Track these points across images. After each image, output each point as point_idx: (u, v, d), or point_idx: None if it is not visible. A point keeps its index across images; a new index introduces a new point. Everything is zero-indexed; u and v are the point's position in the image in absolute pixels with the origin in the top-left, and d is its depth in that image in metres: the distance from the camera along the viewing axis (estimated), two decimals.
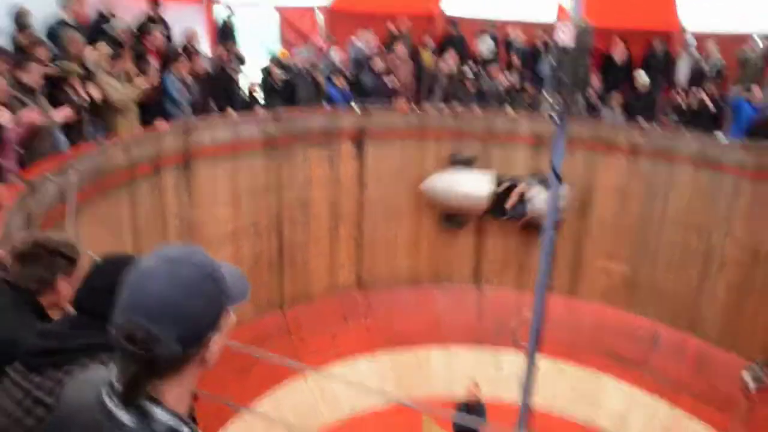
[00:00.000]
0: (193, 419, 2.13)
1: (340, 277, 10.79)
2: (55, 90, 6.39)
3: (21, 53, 6.33)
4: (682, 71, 11.11)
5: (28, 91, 5.68)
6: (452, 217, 10.86)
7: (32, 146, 5.65)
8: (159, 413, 1.17)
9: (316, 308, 10.42)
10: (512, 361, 10.28)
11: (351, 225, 10.67)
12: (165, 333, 1.13)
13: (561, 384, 10.13)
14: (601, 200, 10.43)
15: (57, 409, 1.35)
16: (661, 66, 11.16)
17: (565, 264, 10.75)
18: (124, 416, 1.16)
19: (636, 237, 10.28)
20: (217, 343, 1.25)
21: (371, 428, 9.17)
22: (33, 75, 5.67)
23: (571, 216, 10.54)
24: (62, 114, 5.87)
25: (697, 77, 10.63)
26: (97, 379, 1.26)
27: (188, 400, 1.27)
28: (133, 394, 1.16)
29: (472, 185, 10.32)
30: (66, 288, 2.37)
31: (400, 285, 11.18)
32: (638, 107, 10.41)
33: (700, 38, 11.05)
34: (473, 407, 7.89)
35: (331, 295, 10.68)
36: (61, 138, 6.33)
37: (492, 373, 10.43)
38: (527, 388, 7.29)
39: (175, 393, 1.21)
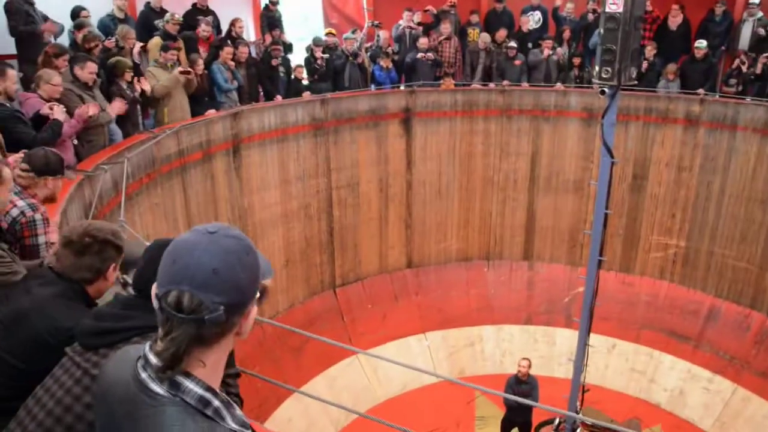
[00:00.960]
0: (239, 398, 2.23)
1: (390, 258, 10.88)
2: (109, 84, 6.66)
3: (77, 50, 6.62)
4: (745, 35, 10.52)
5: (85, 86, 5.93)
6: None
7: (89, 139, 5.93)
8: (190, 384, 1.21)
9: (367, 289, 10.56)
10: (564, 337, 10.21)
11: (400, 206, 10.71)
12: (211, 300, 1.17)
13: (614, 359, 10.00)
14: (657, 174, 10.09)
15: (97, 384, 1.42)
16: (722, 30, 10.60)
17: (619, 239, 10.50)
18: (157, 387, 1.20)
19: (694, 211, 9.92)
20: (254, 313, 1.29)
21: (424, 406, 9.28)
22: (89, 72, 5.91)
23: (624, 190, 10.27)
24: (116, 107, 6.11)
25: (762, 42, 10.04)
26: (133, 354, 1.31)
27: (222, 369, 1.31)
28: (176, 362, 1.20)
29: None
30: (113, 276, 2.47)
31: (450, 264, 11.18)
32: (696, 76, 9.96)
33: None
34: (525, 383, 7.87)
35: (381, 276, 10.78)
36: (116, 130, 6.61)
37: (544, 349, 10.37)
38: (579, 364, 7.24)
39: (211, 361, 1.25)
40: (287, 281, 9.55)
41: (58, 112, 5.00)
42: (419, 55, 10.43)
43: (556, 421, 7.89)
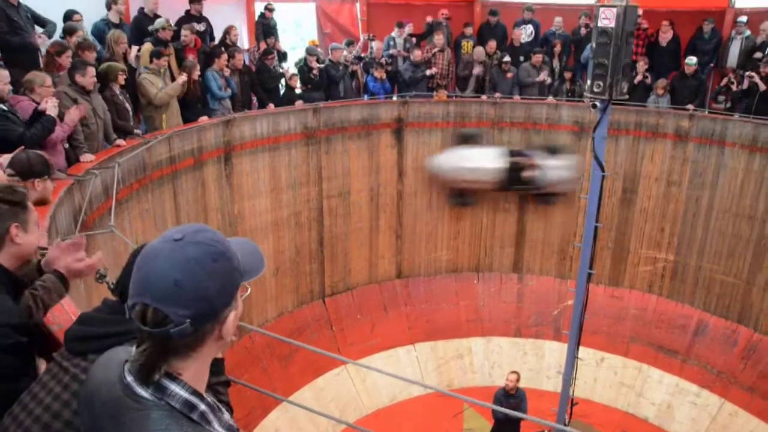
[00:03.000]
0: (229, 406, 2.20)
1: (380, 268, 10.85)
2: (102, 89, 6.61)
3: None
4: (733, 52, 10.66)
5: (82, 89, 5.91)
6: (461, 196, 10.69)
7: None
8: (175, 388, 1.19)
9: (356, 299, 10.52)
10: (553, 350, 10.22)
11: (391, 216, 10.71)
12: (175, 313, 1.13)
13: (603, 373, 10.01)
14: (646, 188, 10.16)
15: (84, 385, 1.40)
16: (710, 47, 10.74)
17: (609, 253, 10.55)
18: (142, 390, 1.19)
19: (682, 225, 9.99)
20: (232, 318, 1.24)
21: (412, 417, 9.24)
22: (90, 77, 5.90)
23: (614, 204, 10.34)
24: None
25: (750, 58, 10.19)
26: (121, 357, 1.30)
27: (206, 376, 1.29)
28: (148, 373, 1.18)
29: (482, 160, 10.14)
30: (24, 237, 2.24)
31: (440, 275, 11.17)
32: (686, 92, 10.07)
33: (753, 16, 10.57)
34: (513, 396, 7.85)
35: (371, 286, 10.75)
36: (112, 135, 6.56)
37: (533, 362, 10.37)
38: (568, 377, 7.23)
39: (193, 369, 1.23)
40: (276, 290, 9.50)
41: (51, 107, 4.95)
42: (428, 72, 10.52)
43: None
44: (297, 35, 12.64)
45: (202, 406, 1.21)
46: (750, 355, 9.28)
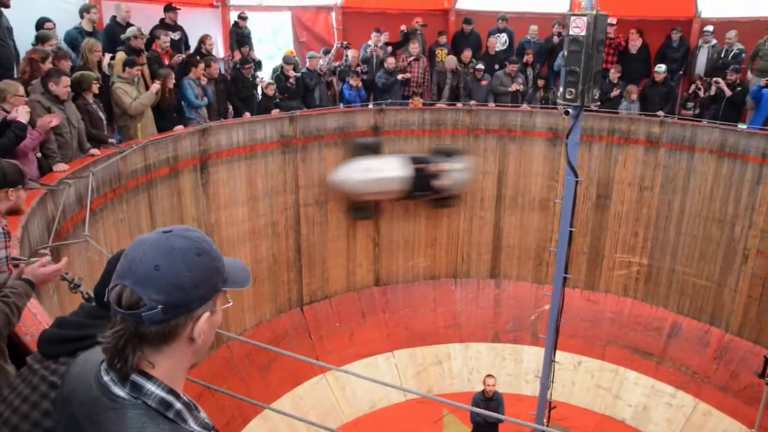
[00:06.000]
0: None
1: (358, 276, 10.85)
2: (75, 98, 6.54)
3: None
4: (701, 60, 10.94)
5: (56, 99, 5.84)
6: (360, 208, 10.37)
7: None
8: (151, 387, 1.20)
9: (334, 307, 10.50)
10: (531, 354, 10.31)
11: (368, 223, 10.71)
12: (150, 297, 1.16)
13: (580, 376, 10.12)
14: (620, 193, 10.34)
15: (61, 386, 1.41)
16: (679, 56, 11.01)
17: (584, 257, 10.70)
18: (119, 390, 1.20)
19: (655, 230, 10.18)
20: (207, 322, 1.25)
21: (391, 424, 9.23)
22: (63, 86, 5.84)
23: (589, 209, 10.50)
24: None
25: (717, 66, 10.46)
26: (97, 358, 1.30)
27: (183, 376, 1.30)
28: (120, 360, 1.19)
29: (387, 169, 9.86)
30: None
31: (418, 282, 11.20)
32: (656, 98, 10.29)
33: (719, 26, 10.86)
34: (491, 400, 7.90)
35: (349, 294, 10.74)
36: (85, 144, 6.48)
37: (511, 367, 10.45)
38: (546, 381, 7.31)
39: (166, 367, 1.23)
40: (254, 299, 9.44)
41: (22, 113, 4.88)
42: (399, 76, 10.57)
43: None
44: (274, 45, 12.62)
45: (178, 405, 1.23)
46: (722, 356, 9.47)
